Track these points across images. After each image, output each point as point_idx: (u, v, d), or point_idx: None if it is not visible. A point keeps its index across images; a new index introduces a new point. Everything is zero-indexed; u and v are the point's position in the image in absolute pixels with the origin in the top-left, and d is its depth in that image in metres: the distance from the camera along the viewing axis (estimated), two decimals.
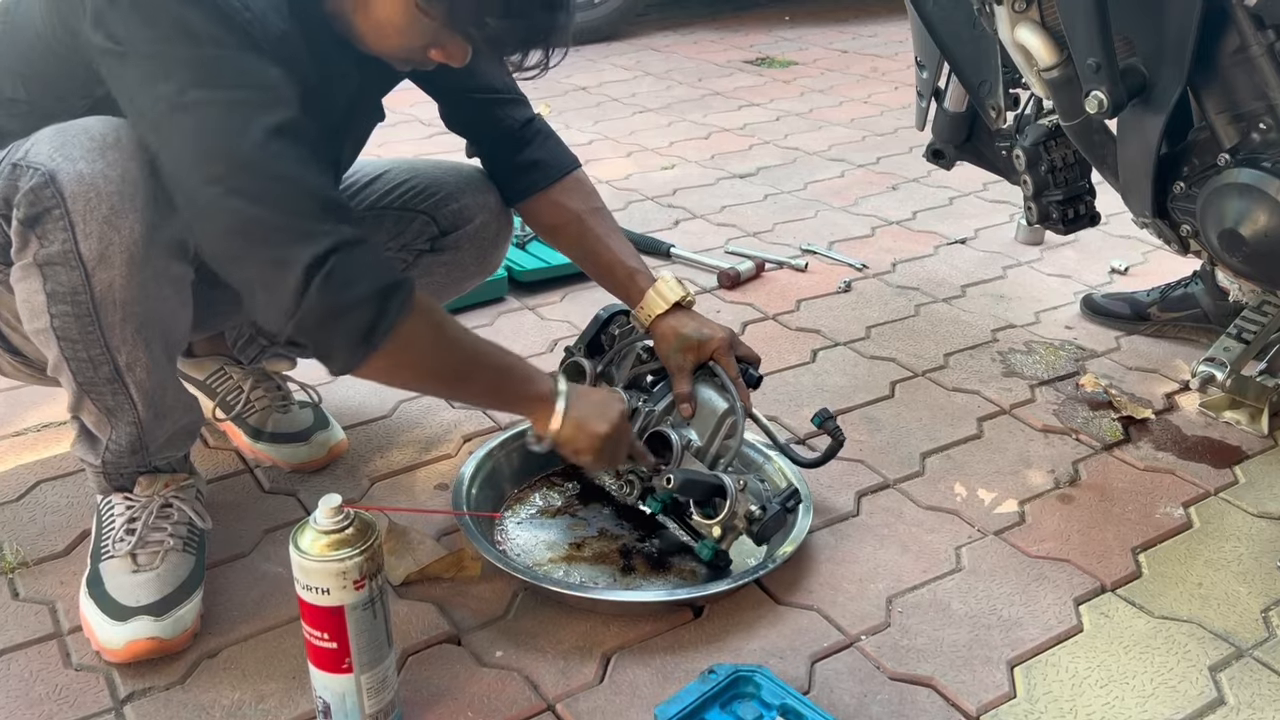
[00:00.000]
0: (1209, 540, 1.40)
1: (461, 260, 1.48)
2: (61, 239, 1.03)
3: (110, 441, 1.20)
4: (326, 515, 0.99)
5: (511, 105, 1.41)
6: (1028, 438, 1.63)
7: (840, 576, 1.32)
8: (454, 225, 1.44)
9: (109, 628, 1.17)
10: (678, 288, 1.37)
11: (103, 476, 1.24)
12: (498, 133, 1.41)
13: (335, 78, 1.18)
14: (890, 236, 2.42)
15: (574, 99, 3.62)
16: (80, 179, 1.02)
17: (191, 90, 0.97)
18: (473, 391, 1.26)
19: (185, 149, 0.99)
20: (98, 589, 1.20)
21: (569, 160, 1.44)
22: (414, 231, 1.43)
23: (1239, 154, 1.35)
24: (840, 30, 4.69)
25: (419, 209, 1.43)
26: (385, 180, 1.44)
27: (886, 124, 3.29)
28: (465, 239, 1.45)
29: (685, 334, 1.35)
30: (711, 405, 1.33)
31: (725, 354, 1.35)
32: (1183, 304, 1.89)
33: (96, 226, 1.03)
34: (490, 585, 1.30)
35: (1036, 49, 1.39)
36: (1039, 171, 1.70)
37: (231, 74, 0.98)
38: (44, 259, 1.05)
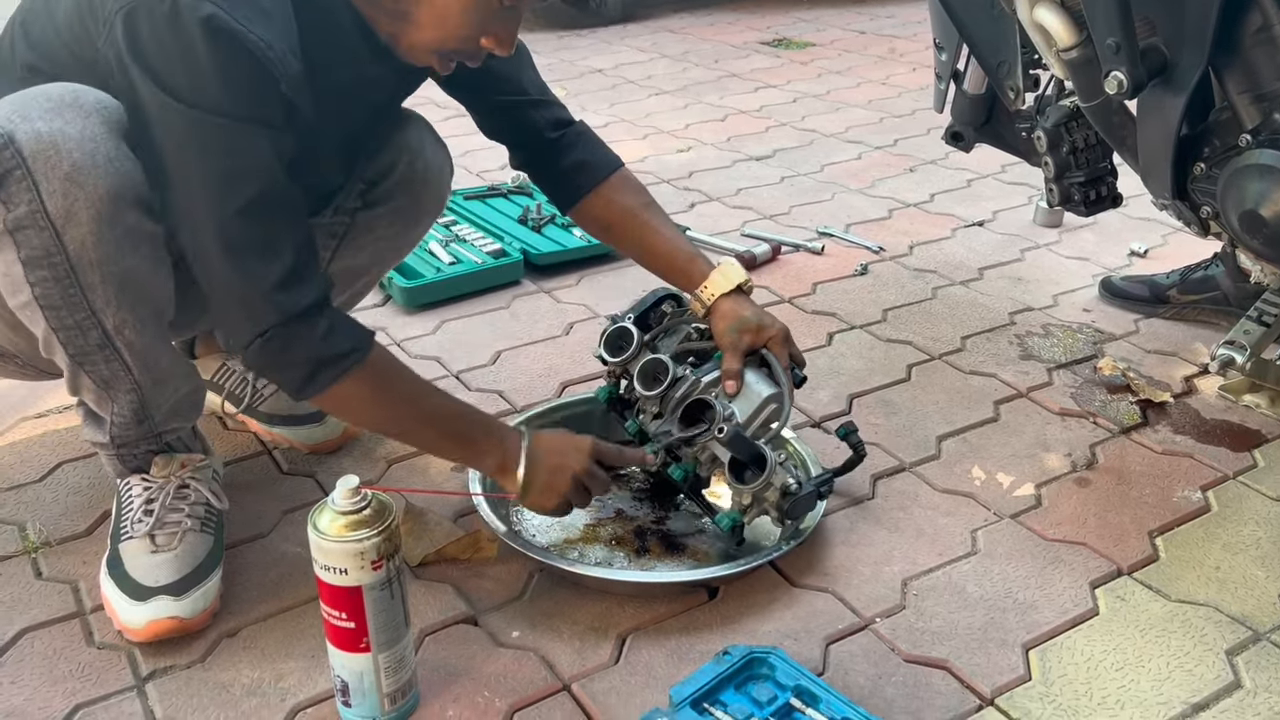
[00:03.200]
0: (1227, 524, 1.39)
1: (401, 206, 1.47)
2: (27, 199, 1.03)
3: (114, 415, 1.21)
4: (344, 496, 1.00)
5: (544, 107, 1.42)
6: (1045, 421, 1.62)
7: (855, 559, 1.32)
8: (379, 175, 1.43)
9: (130, 608, 1.18)
10: (742, 271, 1.39)
11: (116, 458, 1.26)
12: (537, 138, 1.41)
13: (364, 87, 1.20)
14: (907, 219, 2.41)
15: (590, 81, 3.61)
16: (39, 137, 1.02)
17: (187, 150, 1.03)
18: (427, 448, 1.34)
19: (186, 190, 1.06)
20: (117, 570, 1.22)
21: (613, 159, 1.45)
22: (341, 193, 1.42)
23: (1261, 135, 1.33)
24: (858, 11, 4.65)
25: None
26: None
27: (904, 105, 3.27)
28: (396, 185, 1.45)
29: (745, 316, 1.36)
30: (756, 389, 1.33)
31: (780, 344, 1.36)
32: (1202, 286, 1.88)
33: (60, 184, 1.03)
34: (506, 566, 1.30)
35: (1056, 29, 1.37)
36: (1060, 153, 1.68)
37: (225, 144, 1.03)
38: (13, 224, 1.04)
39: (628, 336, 1.39)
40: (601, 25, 4.35)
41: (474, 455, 1.24)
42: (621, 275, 2.09)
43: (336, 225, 1.45)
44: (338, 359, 1.11)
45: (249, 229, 1.05)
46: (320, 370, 1.11)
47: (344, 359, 1.12)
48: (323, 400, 1.14)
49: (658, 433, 1.34)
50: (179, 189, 1.06)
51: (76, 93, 1.06)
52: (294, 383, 1.12)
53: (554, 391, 1.70)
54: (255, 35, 1.00)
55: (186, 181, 1.05)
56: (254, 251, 1.06)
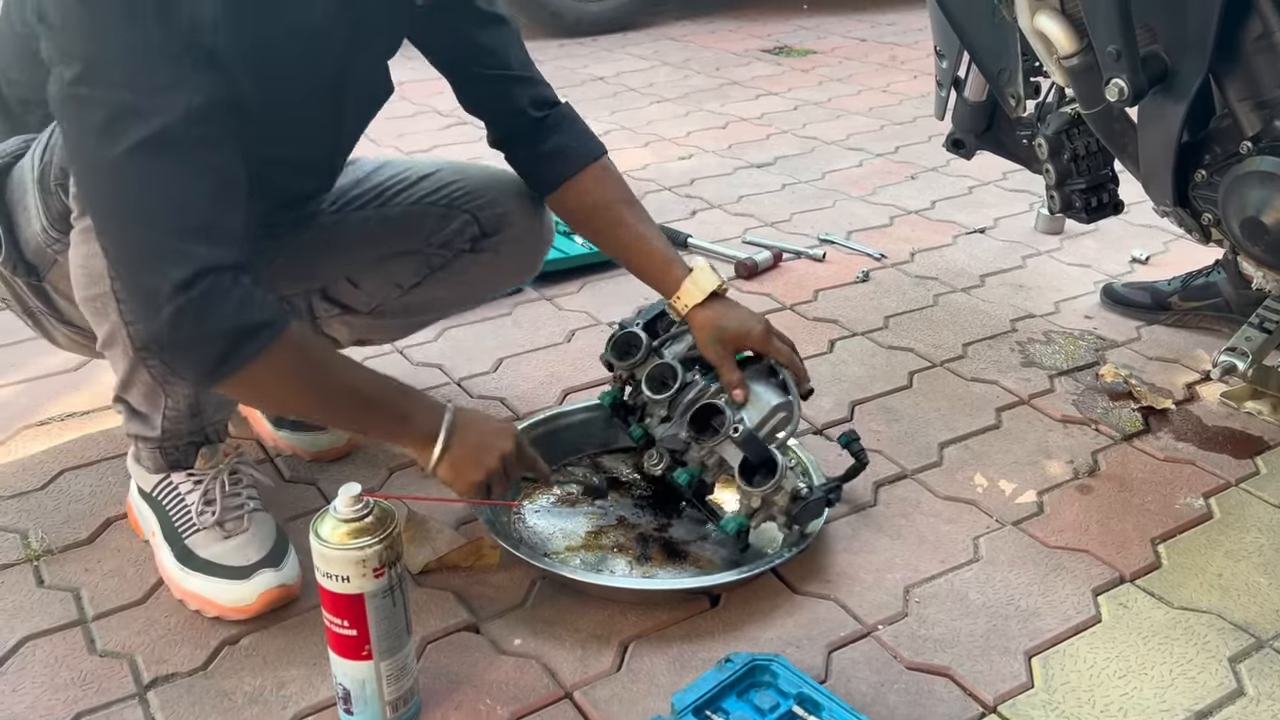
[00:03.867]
0: (1229, 531, 1.39)
1: (500, 264, 1.48)
2: None
3: (167, 410, 1.22)
4: (346, 504, 1.00)
5: (528, 84, 1.39)
6: (1047, 428, 1.62)
7: (857, 566, 1.32)
8: (496, 229, 1.44)
9: (234, 588, 1.22)
10: (713, 277, 1.36)
11: (159, 451, 1.27)
12: (518, 116, 1.39)
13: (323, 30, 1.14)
14: (909, 226, 2.41)
15: (591, 89, 3.61)
16: None
17: (82, 84, 0.96)
18: (341, 425, 1.33)
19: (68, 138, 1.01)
20: (197, 561, 1.24)
21: (595, 147, 1.42)
22: (455, 230, 1.44)
23: (1261, 142, 1.34)
24: (859, 19, 4.66)
25: (463, 208, 1.43)
26: (435, 179, 1.44)
27: (905, 113, 3.27)
28: (506, 243, 1.46)
29: (723, 325, 1.34)
30: (765, 397, 1.32)
31: (765, 344, 1.34)
32: (1204, 293, 1.88)
33: None
34: (508, 574, 1.30)
35: (1056, 36, 1.38)
36: (1061, 160, 1.69)
37: (121, 73, 0.96)
38: None
39: (636, 341, 1.39)
40: (602, 33, 4.36)
41: (399, 421, 1.18)
42: (623, 283, 2.09)
43: (435, 258, 1.46)
44: (258, 329, 1.03)
45: (146, 170, 0.97)
46: (240, 343, 1.02)
47: (265, 329, 1.03)
48: (236, 381, 1.05)
49: (664, 436, 1.34)
50: (69, 140, 1.01)
51: None
52: (209, 361, 1.03)
53: (556, 399, 1.70)
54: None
55: (78, 125, 0.98)
56: (154, 199, 0.98)
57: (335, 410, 1.19)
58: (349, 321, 1.52)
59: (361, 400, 1.16)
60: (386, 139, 3.02)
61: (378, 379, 1.18)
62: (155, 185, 0.99)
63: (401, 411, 1.18)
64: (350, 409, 1.17)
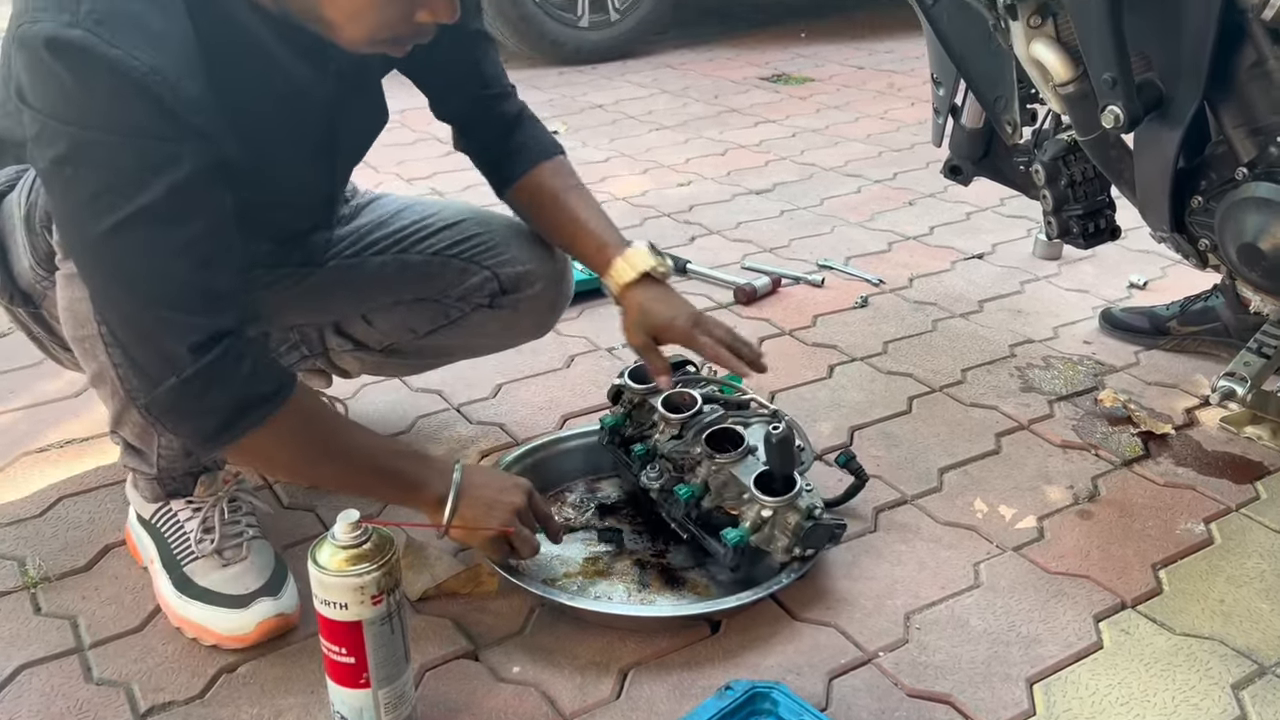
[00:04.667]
0: (1231, 556, 1.38)
1: (518, 321, 1.48)
2: None
3: (161, 447, 1.23)
4: (345, 530, 1.00)
5: (503, 99, 1.41)
6: (1046, 453, 1.62)
7: (858, 592, 1.32)
8: (516, 286, 1.45)
9: (232, 616, 1.21)
10: (649, 257, 1.33)
11: (157, 483, 1.27)
12: (487, 126, 1.41)
13: (305, 92, 1.15)
14: (907, 252, 2.42)
15: (590, 117, 3.63)
16: None
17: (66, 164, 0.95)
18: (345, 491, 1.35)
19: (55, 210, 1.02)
20: (195, 589, 1.24)
21: (551, 145, 1.44)
22: (475, 285, 1.44)
23: (1257, 168, 1.34)
24: (856, 47, 4.70)
25: (485, 264, 1.43)
26: (458, 230, 1.44)
27: (903, 140, 3.29)
28: (525, 301, 1.46)
29: (649, 310, 1.32)
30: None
31: (687, 338, 1.31)
32: (1202, 318, 1.88)
33: None
34: (507, 601, 1.30)
35: (1052, 64, 1.38)
36: (1058, 186, 1.69)
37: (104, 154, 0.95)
38: None
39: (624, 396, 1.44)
40: (601, 61, 4.39)
41: (398, 490, 1.20)
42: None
43: (453, 310, 1.46)
44: (262, 401, 1.04)
45: (132, 246, 0.97)
46: (245, 412, 1.03)
47: (270, 399, 1.04)
48: (236, 448, 1.06)
49: (673, 449, 1.34)
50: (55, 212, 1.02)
51: None
52: (209, 429, 1.04)
53: (555, 424, 1.70)
54: (139, 61, 0.93)
55: (63, 201, 0.99)
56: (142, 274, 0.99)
57: (339, 477, 1.20)
58: (360, 357, 1.53)
59: (366, 467, 1.17)
60: (387, 166, 3.03)
61: (383, 444, 1.20)
62: (142, 260, 0.99)
63: (408, 477, 1.19)
64: (354, 476, 1.19)
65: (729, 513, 1.31)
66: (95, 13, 0.92)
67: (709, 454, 1.31)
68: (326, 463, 1.15)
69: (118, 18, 0.93)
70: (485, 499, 1.21)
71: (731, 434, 1.33)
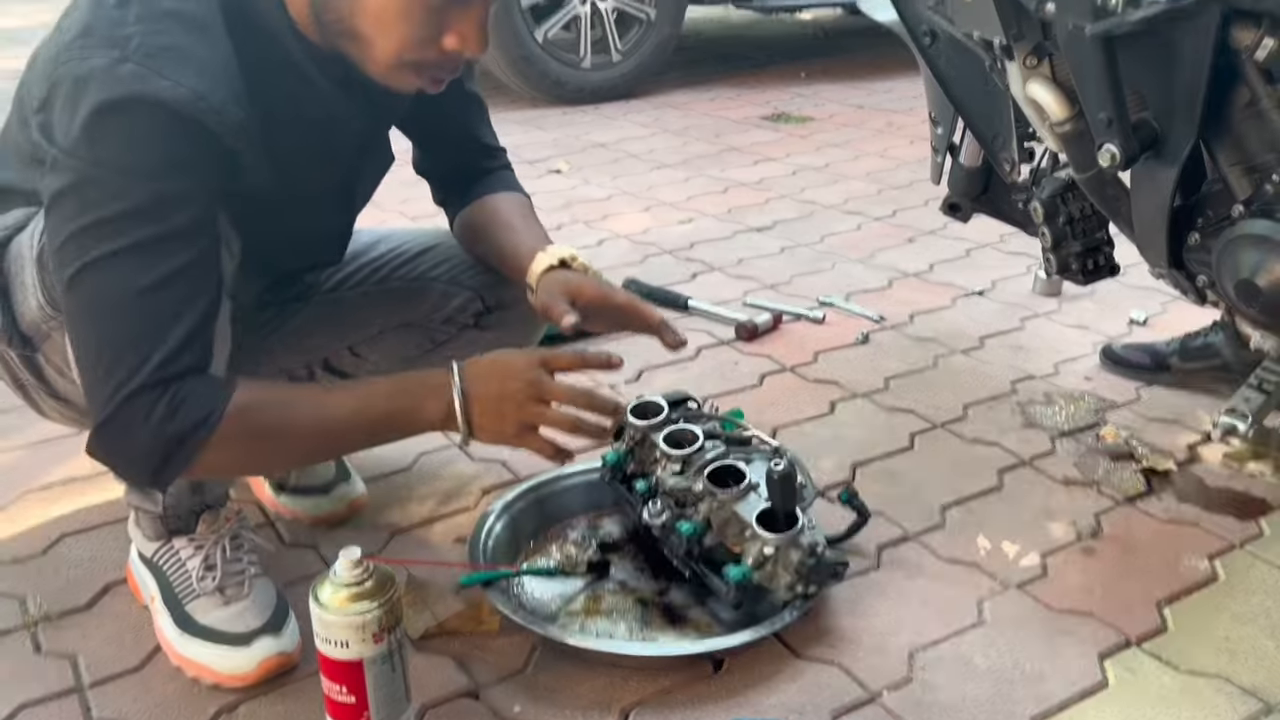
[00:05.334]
0: (1235, 594, 1.38)
1: (505, 339, 1.47)
2: None
3: (168, 491, 1.23)
4: (346, 568, 1.00)
5: (493, 156, 1.44)
6: (1048, 490, 1.62)
7: (861, 630, 1.31)
8: (500, 304, 1.46)
9: (233, 655, 1.21)
10: (567, 249, 1.32)
11: (160, 521, 1.28)
12: (469, 181, 1.43)
13: (340, 121, 1.18)
14: (907, 288, 2.43)
15: (593, 155, 3.66)
16: None
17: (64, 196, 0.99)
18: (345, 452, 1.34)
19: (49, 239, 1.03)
20: (196, 628, 1.23)
21: (515, 185, 1.45)
22: (459, 306, 1.45)
23: (1253, 205, 1.35)
24: (856, 86, 4.74)
25: (466, 284, 1.44)
26: (436, 254, 1.45)
27: (903, 177, 3.31)
28: (511, 318, 1.47)
29: (563, 279, 1.28)
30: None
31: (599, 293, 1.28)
32: (1203, 354, 1.89)
33: None
34: (508, 639, 1.29)
35: (1048, 104, 1.40)
36: (1057, 223, 1.70)
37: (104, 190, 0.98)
38: None
39: (656, 408, 1.44)
40: (604, 101, 4.43)
41: (405, 428, 1.15)
42: (624, 344, 2.10)
43: (439, 334, 1.47)
44: (191, 431, 1.02)
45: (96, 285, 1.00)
46: (170, 453, 1.02)
47: (197, 429, 1.02)
48: (190, 475, 1.07)
49: (675, 486, 1.34)
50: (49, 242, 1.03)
51: None
52: (142, 474, 1.06)
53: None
54: (185, 89, 0.96)
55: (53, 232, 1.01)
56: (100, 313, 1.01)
57: (325, 449, 1.19)
58: None
59: (349, 427, 1.13)
60: (390, 204, 3.05)
61: (363, 393, 1.15)
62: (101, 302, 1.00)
63: (403, 410, 1.13)
64: (341, 440, 1.16)
65: (731, 550, 1.31)
66: (145, 47, 0.96)
67: (710, 490, 1.31)
68: (299, 448, 1.13)
69: (167, 52, 0.97)
70: (495, 392, 1.12)
71: (733, 470, 1.33)
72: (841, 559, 1.31)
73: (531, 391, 1.13)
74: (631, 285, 2.37)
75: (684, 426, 1.41)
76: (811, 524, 1.28)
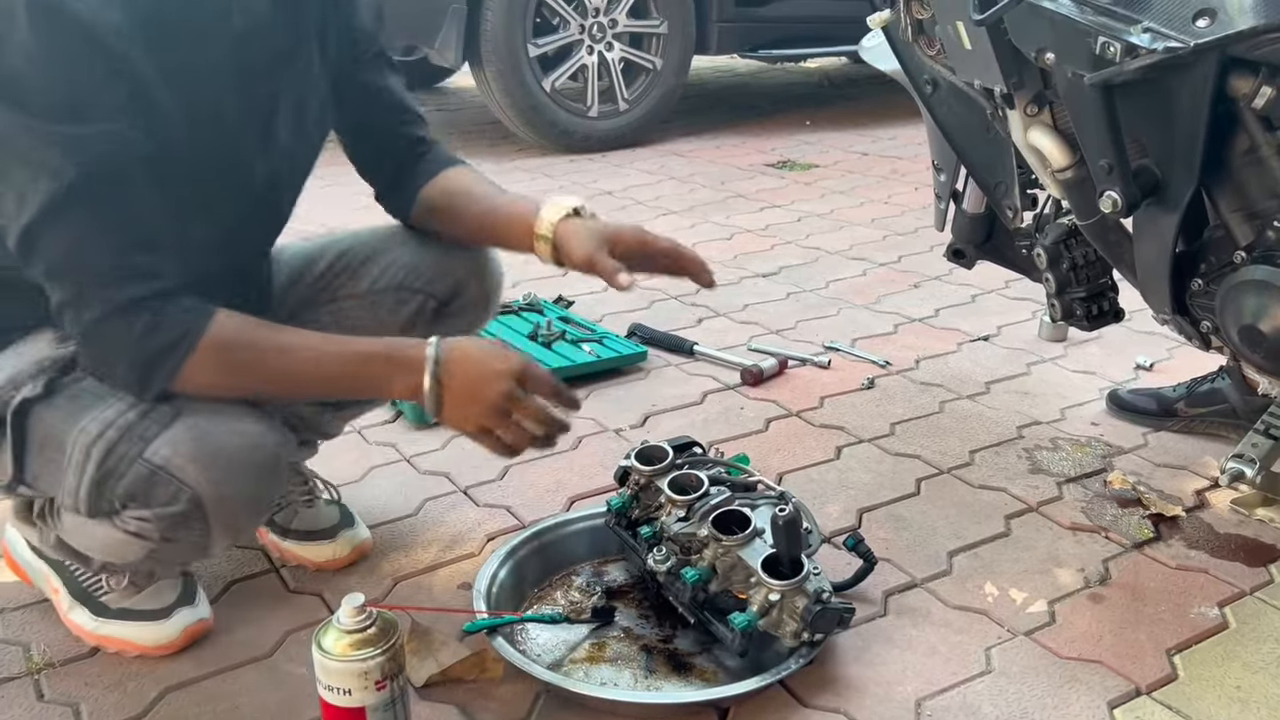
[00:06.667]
0: (1246, 641, 1.36)
1: (460, 326, 1.49)
2: (198, 532, 1.13)
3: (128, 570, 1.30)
4: (349, 615, 1.00)
5: (415, 124, 1.42)
6: (1056, 536, 1.61)
7: (867, 678, 1.30)
8: (452, 295, 1.46)
9: (156, 627, 1.29)
10: (573, 199, 1.33)
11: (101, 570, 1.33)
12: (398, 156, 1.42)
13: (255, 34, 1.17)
14: (913, 334, 2.44)
15: (599, 203, 3.70)
16: (222, 502, 1.11)
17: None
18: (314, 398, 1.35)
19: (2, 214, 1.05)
20: (113, 612, 1.29)
21: (458, 161, 1.45)
22: (413, 311, 1.44)
23: (1255, 251, 1.36)
24: (860, 134, 4.79)
25: (415, 288, 1.44)
26: (381, 262, 1.44)
27: (907, 223, 3.33)
28: (465, 305, 1.47)
29: (595, 227, 1.30)
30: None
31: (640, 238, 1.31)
32: (1210, 399, 1.88)
33: (226, 531, 1.16)
34: (512, 687, 1.28)
35: (1050, 151, 1.42)
36: (1060, 269, 1.71)
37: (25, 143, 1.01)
38: (164, 529, 1.13)
39: (661, 453, 1.44)
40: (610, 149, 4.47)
41: (372, 393, 1.20)
42: (630, 389, 2.11)
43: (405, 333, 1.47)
44: (168, 350, 1.07)
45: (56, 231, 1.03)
46: (152, 369, 1.08)
47: (174, 349, 1.07)
48: (173, 391, 1.10)
49: (680, 531, 1.34)
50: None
51: (259, 437, 1.14)
52: (130, 385, 1.09)
53: (562, 506, 1.70)
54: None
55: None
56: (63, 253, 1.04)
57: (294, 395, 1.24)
58: (342, 415, 1.56)
59: (317, 380, 1.16)
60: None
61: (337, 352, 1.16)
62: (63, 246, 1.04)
63: (374, 377, 1.17)
64: (308, 390, 1.21)
65: (736, 596, 1.30)
66: None
67: (715, 536, 1.31)
68: (273, 389, 1.16)
69: None
70: (469, 386, 1.15)
71: (738, 516, 1.33)
72: (848, 605, 1.31)
73: (502, 403, 1.15)
74: (637, 330, 2.38)
75: (689, 472, 1.41)
76: (817, 570, 1.28)
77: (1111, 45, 1.21)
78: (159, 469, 1.09)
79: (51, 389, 1.13)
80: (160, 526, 1.11)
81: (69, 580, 1.30)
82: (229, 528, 1.14)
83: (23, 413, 1.13)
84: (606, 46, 4.37)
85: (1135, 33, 1.20)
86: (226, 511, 1.11)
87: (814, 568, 1.27)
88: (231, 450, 1.11)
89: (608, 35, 4.36)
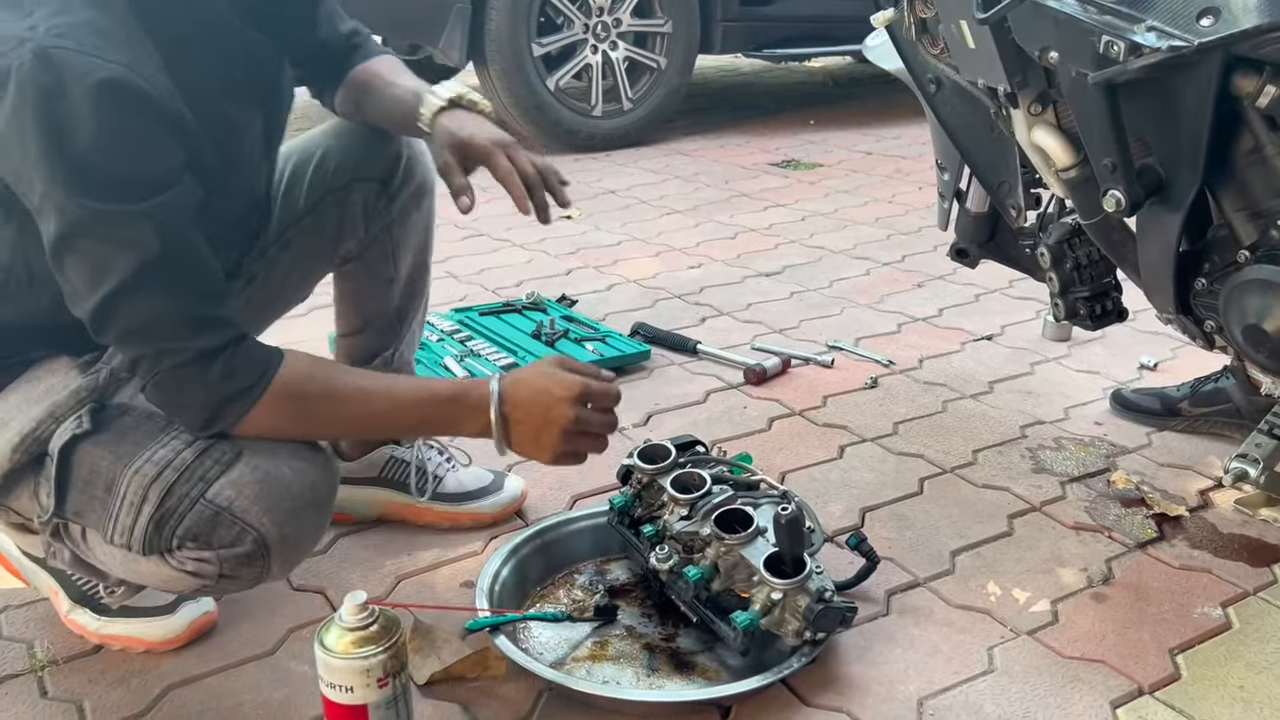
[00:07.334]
0: (1249, 641, 1.36)
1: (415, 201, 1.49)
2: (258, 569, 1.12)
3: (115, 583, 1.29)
4: (352, 612, 1.00)
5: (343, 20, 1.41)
6: (1059, 535, 1.61)
7: (869, 677, 1.30)
8: (391, 170, 1.44)
9: (162, 622, 1.30)
10: (459, 86, 1.31)
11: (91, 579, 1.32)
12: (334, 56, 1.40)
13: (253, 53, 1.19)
14: (917, 333, 2.43)
15: (603, 202, 3.70)
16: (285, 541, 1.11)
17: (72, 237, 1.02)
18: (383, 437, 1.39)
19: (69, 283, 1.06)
20: (115, 612, 1.30)
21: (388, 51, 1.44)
22: (362, 200, 1.43)
23: (1258, 250, 1.36)
24: (864, 133, 4.78)
25: (356, 178, 1.43)
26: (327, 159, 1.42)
27: (911, 223, 3.33)
28: (407, 173, 1.46)
29: (455, 131, 1.27)
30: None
31: (486, 155, 1.27)
32: (1214, 399, 1.88)
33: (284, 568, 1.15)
34: (515, 685, 1.28)
35: (1053, 150, 1.41)
36: (1064, 268, 1.71)
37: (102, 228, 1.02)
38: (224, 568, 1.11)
39: (664, 452, 1.44)
40: (615, 148, 4.48)
41: (443, 434, 1.22)
42: (633, 388, 2.11)
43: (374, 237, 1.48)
44: (238, 396, 1.08)
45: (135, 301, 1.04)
46: (222, 411, 1.09)
47: (246, 394, 1.09)
48: (239, 433, 1.11)
49: (682, 530, 1.34)
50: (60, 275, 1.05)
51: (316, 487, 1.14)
52: (194, 424, 1.10)
53: (565, 505, 1.70)
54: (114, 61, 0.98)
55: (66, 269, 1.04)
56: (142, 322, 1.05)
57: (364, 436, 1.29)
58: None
59: (388, 424, 1.20)
60: None
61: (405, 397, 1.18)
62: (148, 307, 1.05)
63: (443, 421, 1.19)
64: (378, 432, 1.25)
65: (739, 595, 1.30)
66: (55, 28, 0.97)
67: (718, 535, 1.31)
68: (343, 430, 1.21)
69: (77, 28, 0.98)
70: (533, 426, 1.16)
71: (741, 515, 1.33)
72: (850, 604, 1.31)
73: (570, 428, 1.17)
74: (640, 329, 2.38)
75: (692, 471, 1.41)
76: (819, 569, 1.28)
77: (1115, 44, 1.21)
78: (223, 510, 1.08)
79: (97, 424, 1.13)
80: (221, 566, 1.09)
81: (67, 585, 1.30)
82: (288, 564, 1.14)
83: (69, 448, 1.12)
84: (611, 46, 4.37)
85: (1139, 31, 1.19)
86: (289, 549, 1.11)
87: (816, 567, 1.27)
88: (295, 491, 1.10)
89: (612, 34, 4.36)
